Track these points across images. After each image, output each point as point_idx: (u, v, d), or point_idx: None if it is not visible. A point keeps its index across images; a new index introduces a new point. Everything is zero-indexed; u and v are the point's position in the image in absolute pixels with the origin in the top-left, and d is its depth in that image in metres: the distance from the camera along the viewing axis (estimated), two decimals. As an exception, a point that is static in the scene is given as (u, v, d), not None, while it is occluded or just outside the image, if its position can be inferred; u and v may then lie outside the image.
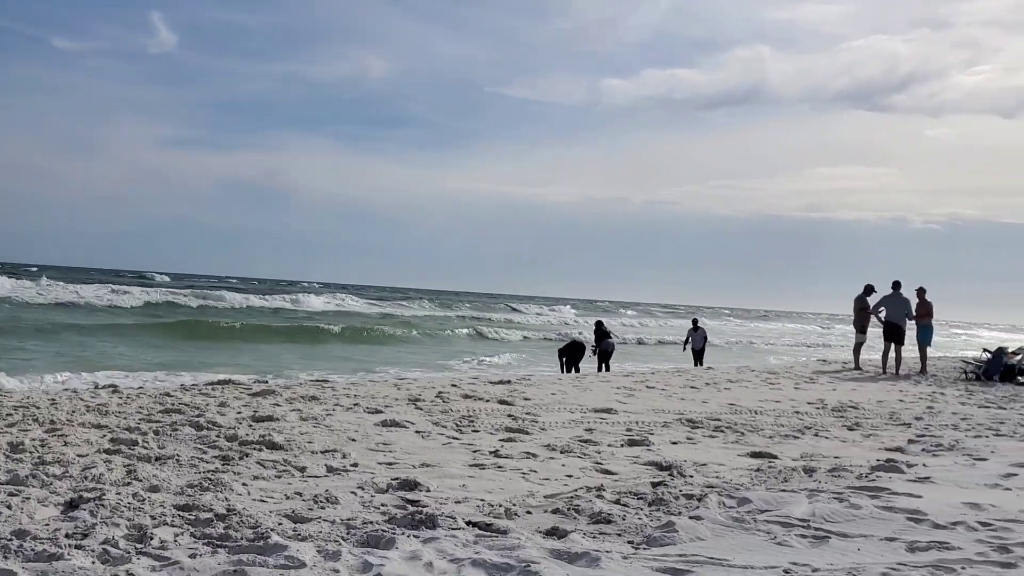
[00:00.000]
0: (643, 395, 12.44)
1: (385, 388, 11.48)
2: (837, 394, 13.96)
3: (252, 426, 7.67)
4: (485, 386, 12.40)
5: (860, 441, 8.73)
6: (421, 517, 4.46)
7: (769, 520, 4.86)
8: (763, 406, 11.65)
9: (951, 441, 8.69)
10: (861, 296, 20.06)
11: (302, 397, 9.88)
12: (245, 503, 4.85)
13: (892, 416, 10.97)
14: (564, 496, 5.38)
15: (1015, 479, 6.54)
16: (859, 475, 6.53)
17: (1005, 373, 18.07)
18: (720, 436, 8.69)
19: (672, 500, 5.31)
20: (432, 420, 8.64)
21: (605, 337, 20.56)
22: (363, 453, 6.71)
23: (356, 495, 5.19)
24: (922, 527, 4.83)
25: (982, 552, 4.30)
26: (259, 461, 6.14)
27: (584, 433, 8.34)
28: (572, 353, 19.86)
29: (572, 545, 4.08)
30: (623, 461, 6.94)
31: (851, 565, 3.99)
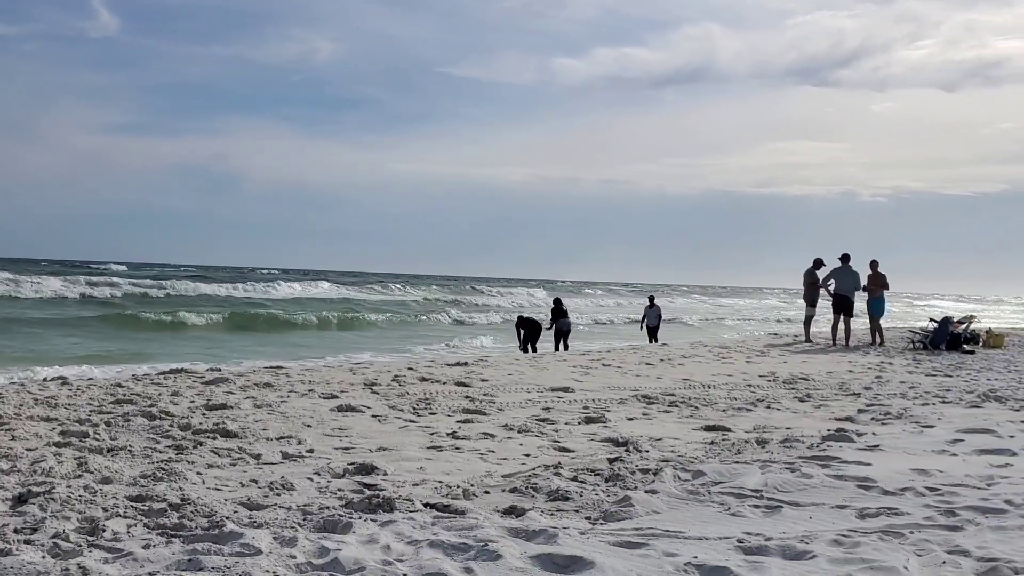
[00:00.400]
0: (599, 373, 12.53)
1: (340, 373, 11.41)
2: (788, 366, 14.19)
3: (206, 415, 7.58)
4: (442, 368, 12.39)
5: (811, 412, 8.89)
6: (378, 501, 4.45)
7: (723, 492, 4.93)
8: (716, 380, 11.80)
9: (899, 409, 8.88)
10: (811, 270, 20.37)
11: (256, 384, 9.78)
12: (199, 492, 4.80)
13: (842, 387, 11.18)
14: (522, 475, 5.40)
15: (961, 445, 6.71)
16: (810, 445, 6.65)
17: (951, 342, 18.52)
18: (675, 411, 8.79)
19: (628, 475, 5.36)
20: (388, 404, 8.62)
21: (562, 316, 20.62)
22: (319, 439, 6.67)
23: (312, 481, 5.17)
24: (872, 494, 4.94)
25: (930, 516, 4.40)
26: (213, 450, 6.07)
27: (541, 412, 8.38)
28: (529, 328, 19.91)
29: (530, 523, 4.10)
30: (580, 439, 6.99)
31: (803, 533, 4.06)
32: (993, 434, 7.23)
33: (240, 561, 3.42)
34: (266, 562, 3.44)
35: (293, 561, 3.49)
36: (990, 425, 7.71)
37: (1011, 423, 7.96)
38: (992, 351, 18.85)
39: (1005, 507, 4.57)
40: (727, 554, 3.68)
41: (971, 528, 4.16)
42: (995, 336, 20.49)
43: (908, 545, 3.84)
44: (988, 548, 3.77)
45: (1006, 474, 5.53)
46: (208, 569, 3.33)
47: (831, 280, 19.60)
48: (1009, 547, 3.81)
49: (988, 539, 3.95)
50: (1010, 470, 5.68)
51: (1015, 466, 5.83)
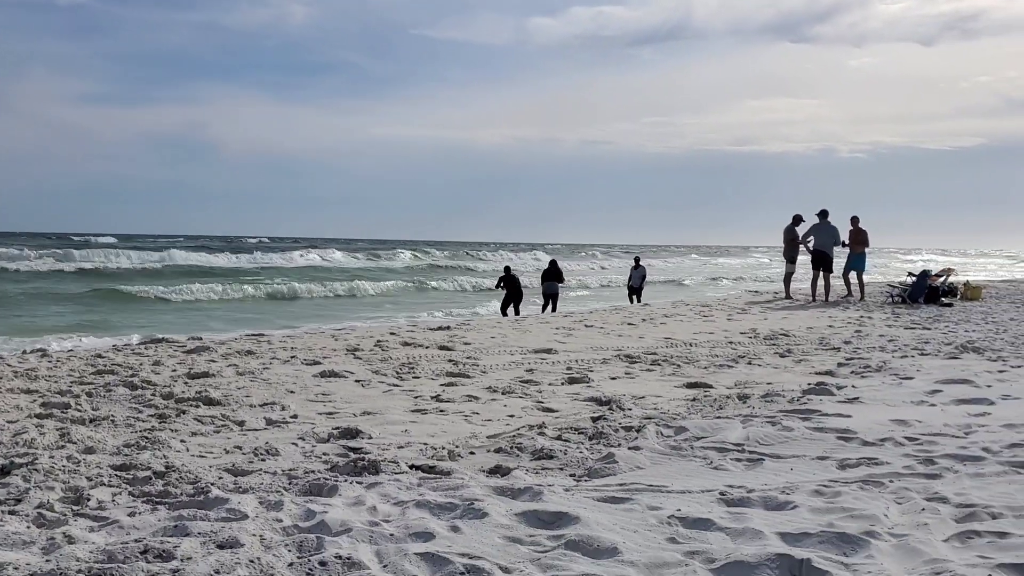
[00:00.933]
0: (582, 334, 12.57)
1: (323, 340, 11.39)
2: (769, 323, 14.28)
3: (188, 383, 7.55)
4: (425, 333, 12.39)
5: (792, 367, 8.97)
6: (364, 464, 4.46)
7: (705, 446, 4.98)
8: (697, 338, 11.87)
9: (879, 362, 8.98)
10: (790, 227, 20.42)
11: (238, 352, 9.75)
12: (184, 459, 4.79)
13: (822, 341, 11.27)
14: (507, 435, 5.43)
15: (939, 395, 6.80)
16: (791, 399, 6.72)
17: (929, 295, 18.67)
18: (657, 369, 8.84)
19: (612, 433, 5.40)
20: (372, 369, 8.61)
21: (552, 279, 20.51)
22: (302, 404, 6.67)
23: (297, 446, 5.17)
24: (852, 445, 5.00)
25: (909, 465, 4.47)
26: (196, 417, 6.06)
27: (525, 374, 8.41)
28: (511, 289, 19.85)
29: (515, 481, 4.13)
30: (564, 399, 7.02)
31: (784, 484, 4.11)
32: (971, 384, 7.33)
33: (226, 526, 3.42)
34: (252, 526, 3.45)
35: (279, 524, 3.50)
36: (968, 375, 7.81)
37: (988, 373, 8.06)
38: (970, 303, 19.03)
39: (983, 455, 4.64)
40: (710, 506, 3.72)
41: (949, 476, 4.22)
42: (972, 289, 20.68)
43: (888, 494, 3.90)
44: (966, 495, 3.83)
45: (984, 423, 5.62)
46: (194, 535, 3.34)
47: (810, 236, 19.67)
48: (986, 492, 3.88)
49: (966, 486, 4.02)
50: (987, 419, 5.77)
51: (992, 415, 5.91)
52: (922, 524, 3.39)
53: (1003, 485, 4.02)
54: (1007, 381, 7.53)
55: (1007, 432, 5.24)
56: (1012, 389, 7.05)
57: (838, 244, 19.60)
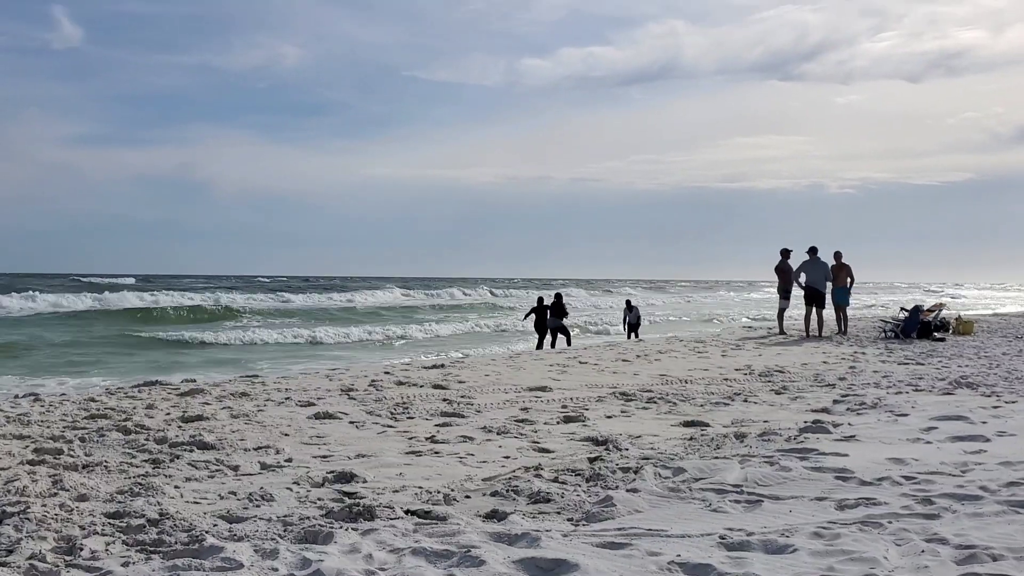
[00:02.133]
0: (576, 371, 12.55)
1: (317, 380, 11.34)
2: (763, 359, 14.29)
3: (182, 427, 7.50)
4: (419, 371, 12.36)
5: (787, 404, 8.96)
6: (359, 509, 4.42)
7: (704, 488, 4.96)
8: (693, 375, 11.86)
9: (874, 399, 8.97)
10: (781, 261, 20.53)
11: (232, 394, 9.70)
12: (178, 506, 4.75)
13: (817, 378, 11.28)
14: (502, 478, 5.40)
15: (935, 432, 6.79)
16: (788, 437, 6.71)
17: (922, 330, 18.72)
18: (653, 407, 8.82)
19: (609, 474, 5.37)
20: (366, 409, 8.57)
21: (556, 314, 20.55)
22: (297, 447, 6.63)
23: (292, 491, 5.13)
24: (850, 485, 4.98)
25: (907, 505, 4.45)
26: (191, 462, 6.01)
27: (520, 413, 8.38)
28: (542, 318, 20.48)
29: (512, 527, 4.10)
30: (560, 438, 6.99)
31: (784, 527, 4.09)
32: (966, 420, 7.32)
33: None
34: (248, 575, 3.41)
35: (275, 574, 3.47)
36: (963, 412, 7.81)
37: (983, 409, 8.07)
38: (962, 338, 19.09)
39: (980, 493, 4.63)
40: (710, 551, 3.70)
41: (948, 516, 4.21)
42: (965, 323, 20.75)
43: (887, 535, 3.88)
44: (966, 535, 3.81)
45: (980, 460, 5.61)
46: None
47: (801, 273, 19.79)
48: (986, 533, 3.86)
49: (965, 526, 4.00)
50: (984, 456, 5.76)
51: (988, 452, 5.91)
52: (922, 567, 3.37)
53: (1002, 525, 4.00)
54: (1002, 417, 7.53)
55: (1004, 470, 5.23)
56: (1007, 425, 7.05)
57: (829, 280, 19.72)
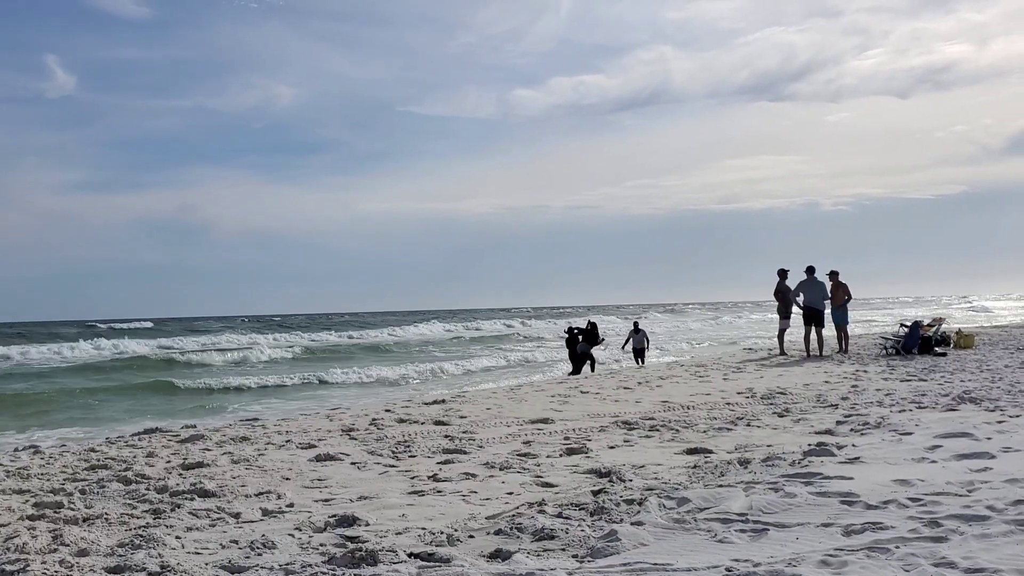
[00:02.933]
0: (578, 401, 12.50)
1: (317, 421, 11.29)
2: (765, 381, 14.24)
3: (183, 475, 7.45)
4: (420, 408, 12.31)
5: (791, 427, 8.92)
6: (361, 554, 4.38)
7: (709, 518, 4.92)
8: (695, 400, 11.82)
9: (877, 418, 8.94)
10: (779, 282, 20.55)
11: (232, 439, 9.65)
12: (179, 557, 4.70)
13: (819, 399, 11.24)
14: (506, 515, 5.36)
15: (940, 451, 6.76)
16: (792, 462, 6.67)
17: (923, 346, 18.70)
18: (656, 435, 8.78)
19: (613, 507, 5.33)
20: (367, 449, 8.53)
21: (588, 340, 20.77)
22: (298, 492, 6.58)
23: (294, 537, 5.08)
24: (855, 509, 4.94)
25: (914, 529, 4.41)
26: (192, 511, 5.96)
27: (522, 447, 8.33)
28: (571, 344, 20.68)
29: (516, 566, 4.06)
30: (563, 472, 6.95)
31: (791, 556, 4.05)
32: (970, 437, 7.29)
33: (223, 630, 3.34)
34: (250, 629, 3.36)
35: (278, 626, 3.42)
36: (967, 428, 7.77)
37: (987, 424, 8.03)
38: (963, 352, 19.06)
39: (988, 513, 4.59)
40: (716, 584, 3.65)
41: (956, 538, 4.17)
42: (965, 337, 20.72)
43: (895, 561, 3.84)
44: (974, 558, 3.78)
45: (986, 478, 5.57)
46: (190, 641, 3.25)
47: (799, 293, 19.81)
48: (994, 555, 3.82)
49: (973, 548, 3.96)
50: (989, 474, 5.72)
51: (994, 469, 5.87)
52: (932, 594, 3.33)
53: (1011, 546, 3.97)
54: (1006, 432, 7.49)
55: (1010, 488, 5.20)
56: (1012, 441, 7.02)
57: (827, 299, 19.73)
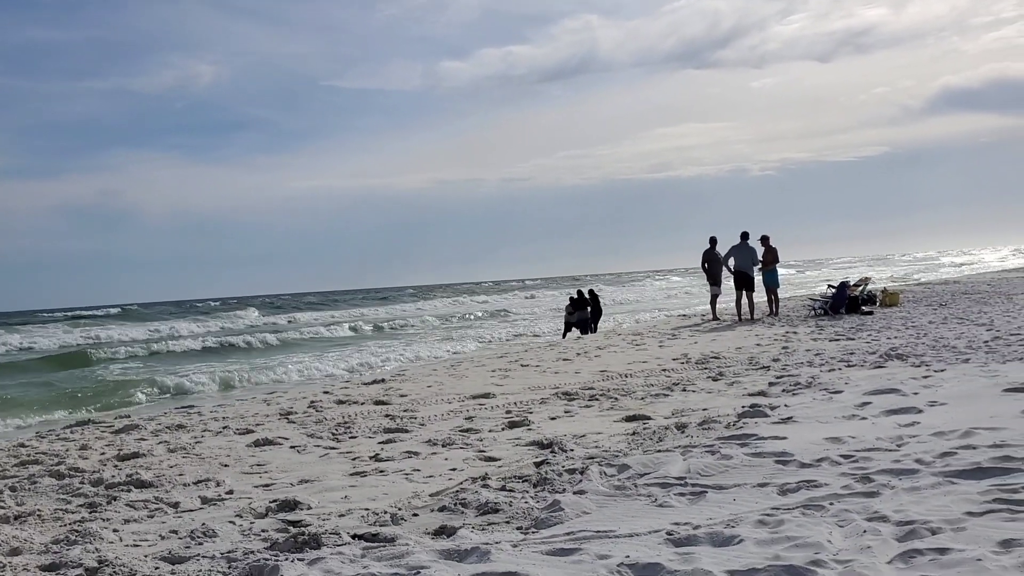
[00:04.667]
0: (518, 374, 12.56)
1: (255, 406, 11.14)
2: (699, 346, 14.48)
3: (118, 466, 7.30)
4: (359, 388, 12.23)
5: (725, 390, 9.09)
6: (304, 538, 4.34)
7: (648, 483, 4.99)
8: (632, 368, 11.96)
9: (808, 378, 9.16)
10: (709, 249, 20.88)
11: (168, 427, 9.47)
12: (117, 551, 4.61)
13: (752, 361, 11.47)
14: (450, 491, 5.36)
15: (869, 407, 6.96)
16: (727, 424, 6.80)
17: (850, 305, 19.19)
18: (595, 405, 8.87)
19: (556, 477, 5.38)
20: (307, 432, 8.45)
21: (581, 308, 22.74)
22: (237, 478, 6.50)
23: (235, 524, 5.02)
24: (790, 468, 5.07)
25: (847, 485, 4.54)
26: (129, 503, 5.84)
27: (464, 422, 8.34)
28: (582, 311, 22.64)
29: (461, 542, 4.07)
30: (505, 445, 6.98)
31: (729, 517, 4.14)
32: (898, 393, 7.52)
33: (166, 623, 3.29)
34: (193, 620, 3.32)
35: (222, 615, 3.38)
36: (894, 384, 8.01)
37: (914, 380, 8.29)
38: (889, 310, 19.61)
39: (917, 467, 4.75)
40: (658, 548, 3.72)
41: (887, 492, 4.30)
42: (891, 295, 21.32)
43: (829, 517, 3.95)
44: (905, 511, 3.91)
45: (914, 433, 5.76)
46: (132, 636, 3.20)
47: (730, 257, 20.14)
48: (924, 507, 3.96)
49: (904, 501, 4.10)
50: (917, 428, 5.92)
51: (922, 423, 6.07)
52: (865, 547, 3.44)
53: (939, 498, 4.11)
54: (932, 387, 7.75)
55: (937, 441, 5.38)
56: (938, 395, 7.26)
57: (757, 264, 20.12)
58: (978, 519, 3.71)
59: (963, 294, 24.02)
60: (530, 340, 23.72)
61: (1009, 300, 19.80)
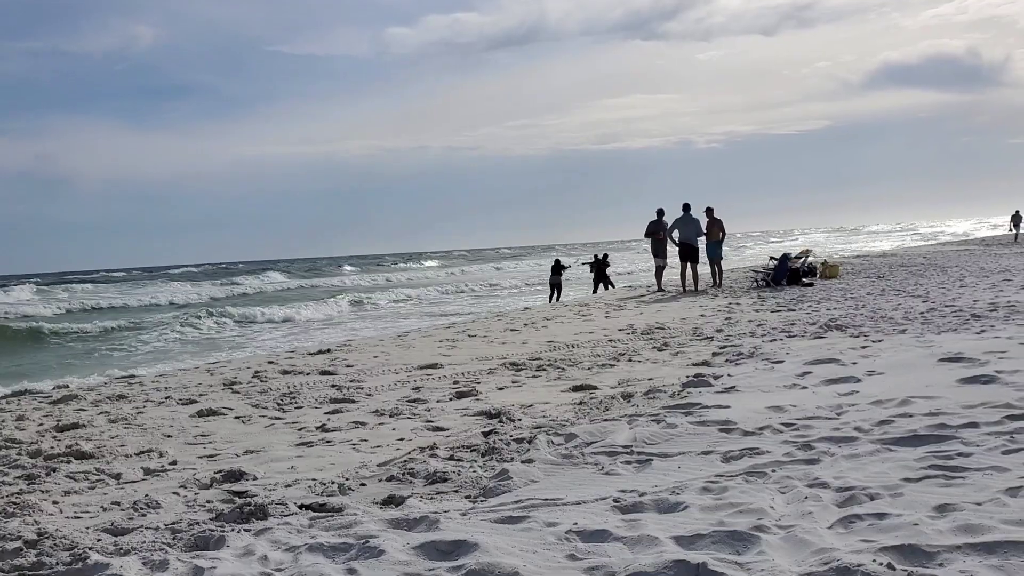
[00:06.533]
0: (466, 345, 12.56)
1: (198, 376, 10.98)
2: (645, 317, 14.62)
3: (57, 437, 7.14)
4: (304, 358, 12.12)
5: (670, 360, 9.20)
6: (250, 509, 4.31)
7: (595, 452, 5.04)
8: (579, 339, 12.04)
9: (751, 348, 9.31)
10: (655, 221, 21.04)
11: (108, 398, 9.30)
12: (58, 523, 4.52)
13: (696, 331, 11.62)
14: (398, 461, 5.36)
15: (809, 377, 7.10)
16: (672, 394, 6.90)
17: (791, 277, 19.53)
18: (543, 375, 8.92)
19: (504, 447, 5.40)
20: (251, 403, 8.35)
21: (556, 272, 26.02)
22: (181, 449, 6.41)
23: (179, 495, 4.95)
24: (733, 436, 5.16)
25: (789, 452, 4.64)
26: (69, 475, 5.73)
27: (412, 392, 8.32)
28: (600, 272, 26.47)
29: (410, 511, 4.07)
30: (453, 415, 6.99)
31: (674, 484, 4.20)
32: (838, 363, 7.69)
33: (109, 595, 3.24)
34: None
35: (167, 586, 3.35)
36: (834, 354, 8.19)
37: (852, 350, 8.48)
38: (829, 281, 20.01)
39: (855, 434, 4.87)
40: (605, 516, 3.76)
41: (827, 459, 4.41)
42: (831, 267, 21.76)
43: (772, 484, 4.04)
44: (844, 477, 4.00)
45: (853, 401, 5.89)
46: (74, 608, 3.15)
47: (675, 229, 20.32)
48: (863, 474, 4.06)
49: (844, 468, 4.20)
50: (856, 397, 6.06)
51: (860, 392, 6.22)
52: (807, 513, 3.52)
53: (877, 464, 4.22)
54: (870, 356, 7.93)
55: (875, 409, 5.52)
56: (875, 364, 7.43)
57: (701, 235, 20.35)
58: (915, 485, 3.82)
59: (900, 266, 24.61)
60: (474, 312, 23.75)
61: (944, 272, 20.34)
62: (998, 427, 4.74)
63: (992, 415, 5.01)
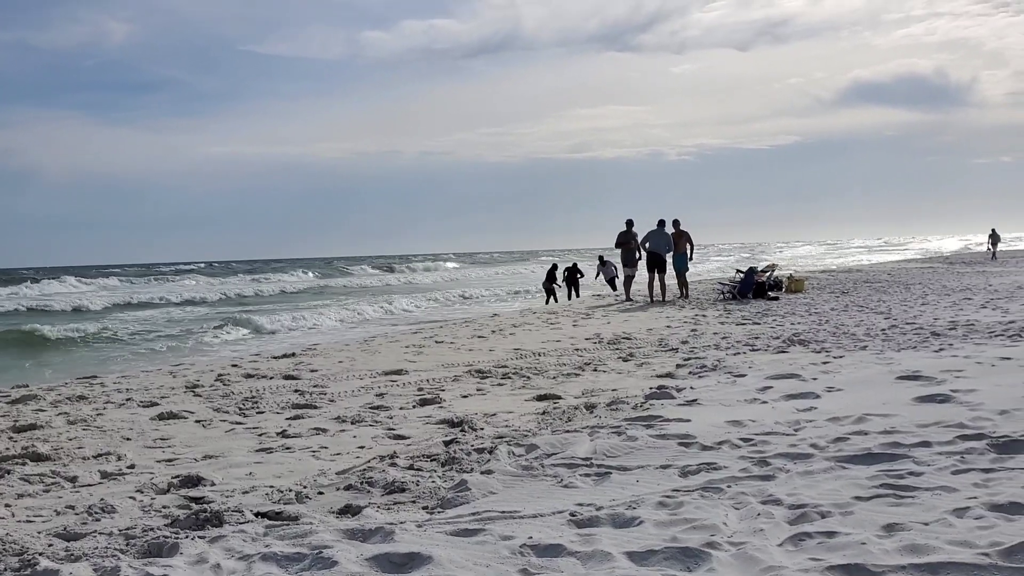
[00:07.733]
0: (432, 351, 12.55)
1: (160, 378, 10.87)
2: (612, 327, 14.70)
3: (13, 438, 7.05)
4: (268, 362, 12.05)
5: (634, 371, 9.26)
6: (206, 515, 4.28)
7: (556, 464, 5.06)
8: (545, 347, 12.07)
9: (714, 361, 9.39)
10: (624, 232, 21.22)
11: (68, 398, 9.18)
12: (9, 527, 4.46)
13: (661, 343, 11.70)
14: (357, 470, 5.34)
15: (770, 392, 7.17)
16: (635, 406, 6.94)
17: (757, 290, 19.72)
18: (508, 383, 8.94)
19: (464, 457, 5.41)
20: (213, 407, 8.29)
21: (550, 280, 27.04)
22: (140, 452, 6.35)
23: (135, 500, 4.91)
24: (692, 450, 5.20)
25: (745, 468, 4.69)
26: (23, 477, 5.65)
27: (375, 399, 8.30)
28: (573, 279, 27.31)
29: (366, 521, 4.07)
30: (416, 423, 6.98)
31: (631, 498, 4.23)
32: (798, 378, 7.77)
33: (57, 603, 3.21)
34: (87, 600, 3.25)
35: (117, 594, 3.32)
36: (795, 369, 8.28)
37: (813, 365, 8.58)
38: (794, 296, 20.22)
39: (811, 451, 4.92)
40: (560, 530, 3.78)
41: (782, 476, 4.46)
42: (796, 281, 21.98)
43: (726, 500, 4.08)
44: (797, 495, 4.05)
45: (811, 417, 5.96)
46: (21, 616, 3.11)
47: (646, 241, 20.54)
48: (815, 491, 4.11)
49: (797, 485, 4.25)
50: (814, 413, 6.13)
51: (818, 408, 6.29)
52: (758, 530, 3.56)
53: (830, 482, 4.28)
54: (830, 372, 8.03)
55: (832, 426, 5.58)
56: (835, 380, 7.53)
57: (670, 249, 20.55)
58: (865, 503, 3.87)
59: (865, 282, 24.92)
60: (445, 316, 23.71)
61: (907, 289, 20.63)
62: (950, 447, 4.82)
63: (945, 434, 5.09)
